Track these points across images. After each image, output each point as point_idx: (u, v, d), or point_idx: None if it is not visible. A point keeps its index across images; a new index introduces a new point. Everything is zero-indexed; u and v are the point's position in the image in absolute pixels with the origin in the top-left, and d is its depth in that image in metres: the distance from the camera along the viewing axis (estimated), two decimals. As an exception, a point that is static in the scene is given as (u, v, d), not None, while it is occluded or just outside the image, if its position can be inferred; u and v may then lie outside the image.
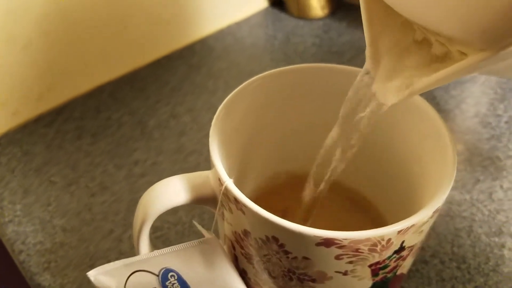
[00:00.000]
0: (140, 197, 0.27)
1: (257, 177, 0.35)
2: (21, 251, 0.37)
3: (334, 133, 0.26)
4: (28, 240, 0.38)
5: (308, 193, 0.29)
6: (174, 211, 0.39)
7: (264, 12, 0.64)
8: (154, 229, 0.38)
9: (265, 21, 0.63)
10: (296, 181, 0.34)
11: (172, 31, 0.56)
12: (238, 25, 0.62)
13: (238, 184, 0.31)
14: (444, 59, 0.19)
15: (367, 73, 0.23)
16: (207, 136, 0.26)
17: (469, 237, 0.38)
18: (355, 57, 0.57)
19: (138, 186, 0.41)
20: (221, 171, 0.24)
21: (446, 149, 0.25)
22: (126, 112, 0.49)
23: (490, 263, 0.36)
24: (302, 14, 0.63)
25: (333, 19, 0.63)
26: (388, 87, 0.22)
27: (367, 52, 0.22)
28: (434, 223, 0.38)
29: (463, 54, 0.18)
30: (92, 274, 0.27)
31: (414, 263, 0.36)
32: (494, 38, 0.15)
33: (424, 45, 0.21)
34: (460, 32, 0.16)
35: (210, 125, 0.27)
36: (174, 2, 0.54)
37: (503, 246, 0.37)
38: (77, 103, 0.50)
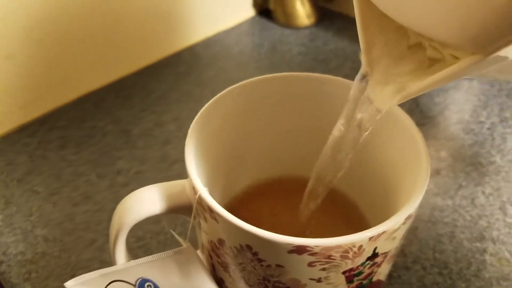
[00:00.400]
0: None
1: (243, 184, 0.35)
2: (1, 262, 0.37)
3: (335, 136, 0.26)
4: (9, 250, 0.37)
5: (305, 206, 0.29)
6: (156, 220, 0.39)
7: (251, 21, 0.64)
8: (137, 238, 0.38)
9: (252, 30, 0.63)
10: (284, 186, 0.34)
11: (159, 39, 0.56)
12: (226, 33, 0.62)
13: (220, 192, 0.31)
14: (437, 63, 0.20)
15: (364, 77, 0.23)
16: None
17: (451, 243, 0.38)
18: (341, 65, 0.57)
19: (121, 196, 0.41)
20: (195, 180, 0.24)
21: (420, 158, 0.25)
22: (110, 121, 0.49)
23: (472, 268, 0.36)
24: (289, 23, 0.63)
25: (319, 28, 0.63)
26: (382, 92, 0.22)
27: (362, 58, 0.22)
28: (416, 229, 0.39)
29: (456, 58, 0.18)
30: (69, 285, 0.27)
31: (395, 269, 0.36)
32: (485, 43, 0.16)
33: (418, 50, 0.21)
34: (453, 37, 0.16)
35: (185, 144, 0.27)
36: (161, 10, 0.54)
37: (485, 251, 0.38)
38: (61, 113, 0.50)
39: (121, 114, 0.50)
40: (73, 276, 0.36)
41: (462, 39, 0.16)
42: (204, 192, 0.24)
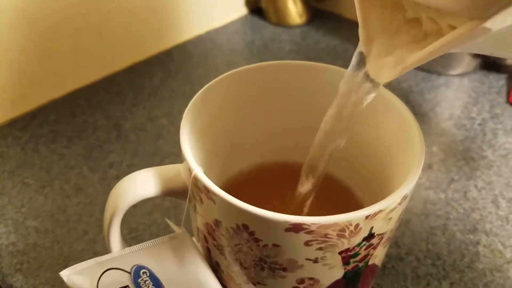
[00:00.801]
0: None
1: (237, 169, 0.34)
2: (-8, 253, 0.36)
3: (329, 117, 0.26)
4: (0, 241, 0.37)
5: (302, 186, 0.29)
6: (149, 213, 0.39)
7: (243, 19, 0.64)
8: (129, 230, 0.38)
9: (244, 28, 0.63)
10: (278, 172, 0.34)
11: (150, 36, 0.56)
12: (217, 31, 0.62)
13: (215, 176, 0.31)
14: (434, 35, 0.20)
15: (360, 54, 0.23)
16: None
17: (444, 235, 0.38)
18: (332, 63, 0.57)
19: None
20: (190, 159, 0.24)
21: (414, 139, 0.26)
22: (101, 116, 0.49)
23: (465, 260, 0.37)
24: (281, 22, 0.63)
25: (310, 27, 0.63)
26: (381, 66, 0.22)
27: (360, 33, 0.22)
28: (409, 221, 0.39)
29: (453, 28, 0.18)
30: (64, 274, 0.27)
31: (389, 260, 0.36)
32: (482, 6, 0.16)
33: (415, 24, 0.21)
34: (450, 2, 0.16)
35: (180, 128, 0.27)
36: (153, 7, 0.54)
37: (478, 243, 0.38)
38: (52, 108, 0.49)
39: (112, 109, 0.49)
40: (65, 266, 0.35)
41: (459, 2, 0.16)
42: (199, 172, 0.24)
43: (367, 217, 0.22)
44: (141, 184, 0.26)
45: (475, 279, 0.35)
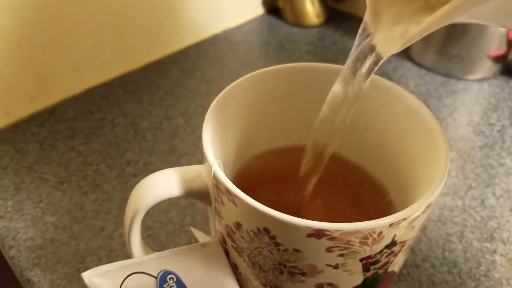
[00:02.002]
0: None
1: (250, 156, 0.34)
2: (11, 247, 0.37)
3: (336, 89, 0.26)
4: (18, 236, 0.37)
5: (307, 163, 0.29)
6: (165, 211, 0.39)
7: (259, 19, 0.64)
8: (145, 228, 0.38)
9: (260, 28, 0.63)
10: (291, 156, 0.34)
11: (166, 35, 0.56)
12: (233, 30, 0.62)
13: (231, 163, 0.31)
14: (441, 4, 0.20)
15: (366, 27, 0.23)
16: (200, 138, 0.26)
17: (461, 242, 0.38)
18: (350, 65, 0.57)
19: (130, 186, 0.41)
20: (211, 159, 0.24)
21: (439, 148, 0.26)
22: (119, 113, 0.49)
23: (482, 268, 0.36)
24: (297, 22, 0.63)
25: (327, 27, 0.63)
26: (386, 38, 0.22)
27: (368, 6, 0.23)
28: (425, 228, 0.38)
29: None
30: (86, 275, 0.26)
31: (405, 267, 0.36)
32: None
33: None
34: None
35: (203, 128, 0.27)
36: (169, 7, 0.54)
37: (494, 251, 0.37)
38: (70, 104, 0.50)
39: (129, 107, 0.50)
40: (82, 262, 0.36)
41: None
42: (222, 175, 0.23)
43: (391, 225, 0.22)
44: (164, 184, 0.26)
45: (491, 288, 0.35)
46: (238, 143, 0.31)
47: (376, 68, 0.23)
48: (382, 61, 0.23)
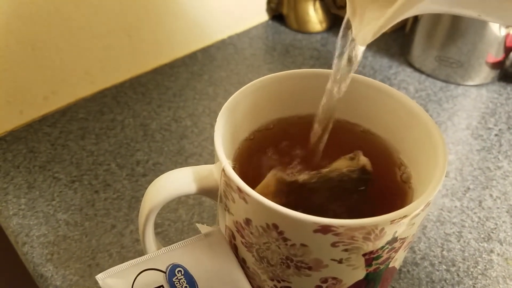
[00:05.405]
0: (142, 195, 0.28)
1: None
2: (24, 243, 0.38)
3: (333, 72, 0.30)
4: (32, 232, 0.39)
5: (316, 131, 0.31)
6: (174, 209, 0.40)
7: (264, 25, 0.66)
8: (155, 225, 0.39)
9: (265, 33, 0.64)
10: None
11: (174, 39, 0.57)
12: (239, 36, 0.63)
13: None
14: None
15: (348, 23, 0.26)
16: (207, 139, 0.27)
17: (459, 242, 0.39)
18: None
19: (140, 185, 0.43)
20: (226, 163, 0.25)
21: (438, 150, 0.27)
22: (129, 115, 0.50)
23: (479, 267, 0.38)
24: (301, 28, 0.65)
25: (330, 34, 0.65)
26: (362, 28, 0.25)
27: (347, 4, 0.26)
28: (425, 228, 0.40)
29: None
30: (100, 278, 0.28)
31: (405, 265, 0.37)
32: None
33: None
34: None
35: (210, 130, 0.28)
36: (178, 13, 0.55)
37: (491, 251, 0.39)
38: (81, 105, 0.51)
39: (139, 108, 0.51)
40: (93, 258, 0.37)
41: None
42: (233, 174, 0.25)
43: (392, 221, 0.23)
44: (180, 181, 0.27)
45: (488, 286, 0.36)
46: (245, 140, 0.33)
47: (359, 57, 0.27)
48: (361, 50, 0.26)
